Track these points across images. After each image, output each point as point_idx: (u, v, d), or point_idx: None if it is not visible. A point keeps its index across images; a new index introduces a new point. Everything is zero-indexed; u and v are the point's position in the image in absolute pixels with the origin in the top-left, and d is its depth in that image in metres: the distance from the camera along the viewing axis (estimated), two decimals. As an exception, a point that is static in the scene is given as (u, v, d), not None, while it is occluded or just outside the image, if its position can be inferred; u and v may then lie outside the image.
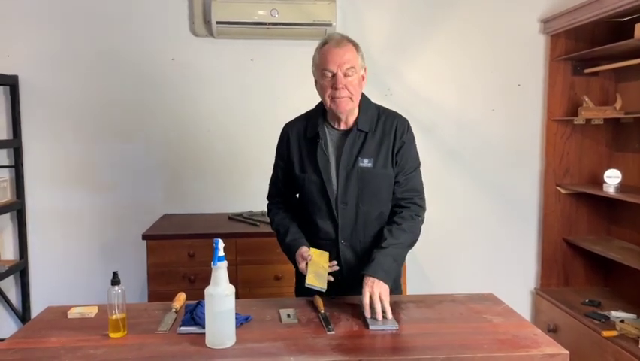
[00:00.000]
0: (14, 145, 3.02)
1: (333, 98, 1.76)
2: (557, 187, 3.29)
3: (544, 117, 3.33)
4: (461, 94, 3.28)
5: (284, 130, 1.95)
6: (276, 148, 1.98)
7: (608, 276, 3.33)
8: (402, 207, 1.85)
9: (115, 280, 1.51)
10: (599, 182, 3.06)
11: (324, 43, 1.78)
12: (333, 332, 1.54)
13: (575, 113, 3.17)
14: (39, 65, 3.05)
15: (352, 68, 1.74)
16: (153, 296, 2.67)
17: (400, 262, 1.81)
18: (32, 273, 3.16)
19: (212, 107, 3.17)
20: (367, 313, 1.61)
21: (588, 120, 3.13)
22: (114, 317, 1.51)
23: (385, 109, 1.91)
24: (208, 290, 1.45)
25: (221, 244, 1.44)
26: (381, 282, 1.66)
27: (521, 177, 3.37)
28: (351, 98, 1.77)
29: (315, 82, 1.84)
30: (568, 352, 1.42)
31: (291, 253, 1.86)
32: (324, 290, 1.60)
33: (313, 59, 1.82)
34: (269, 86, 3.17)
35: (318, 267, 1.69)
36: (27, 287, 3.14)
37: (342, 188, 1.81)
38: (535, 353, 1.41)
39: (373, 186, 1.83)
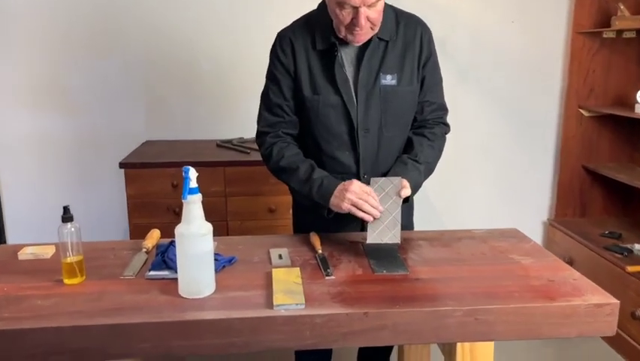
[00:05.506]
0: (-27, 63, 2.68)
1: (351, 31, 1.43)
2: (579, 109, 2.98)
3: (569, 30, 2.95)
4: (477, 2, 2.90)
5: (285, 38, 1.55)
6: (272, 62, 1.58)
7: (628, 206, 3.10)
8: (432, 125, 1.63)
9: (66, 217, 1.25)
10: (626, 103, 2.75)
11: None
12: (332, 277, 1.30)
13: (604, 25, 2.81)
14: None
15: None
16: (136, 231, 2.46)
17: (419, 185, 1.56)
18: (5, 204, 2.91)
19: (197, 18, 2.79)
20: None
21: (619, 33, 2.77)
22: (68, 260, 1.25)
23: (402, 11, 1.59)
24: (179, 229, 1.18)
25: (192, 173, 1.16)
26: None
27: (540, 98, 3.04)
28: (372, 29, 1.45)
29: None
30: (618, 301, 1.17)
31: (325, 190, 1.46)
32: (302, 305, 1.17)
33: None
34: (260, -7, 2.79)
35: (286, 284, 1.26)
36: (1, 219, 2.91)
37: (363, 112, 1.51)
38: (579, 303, 1.16)
39: (397, 108, 1.54)
